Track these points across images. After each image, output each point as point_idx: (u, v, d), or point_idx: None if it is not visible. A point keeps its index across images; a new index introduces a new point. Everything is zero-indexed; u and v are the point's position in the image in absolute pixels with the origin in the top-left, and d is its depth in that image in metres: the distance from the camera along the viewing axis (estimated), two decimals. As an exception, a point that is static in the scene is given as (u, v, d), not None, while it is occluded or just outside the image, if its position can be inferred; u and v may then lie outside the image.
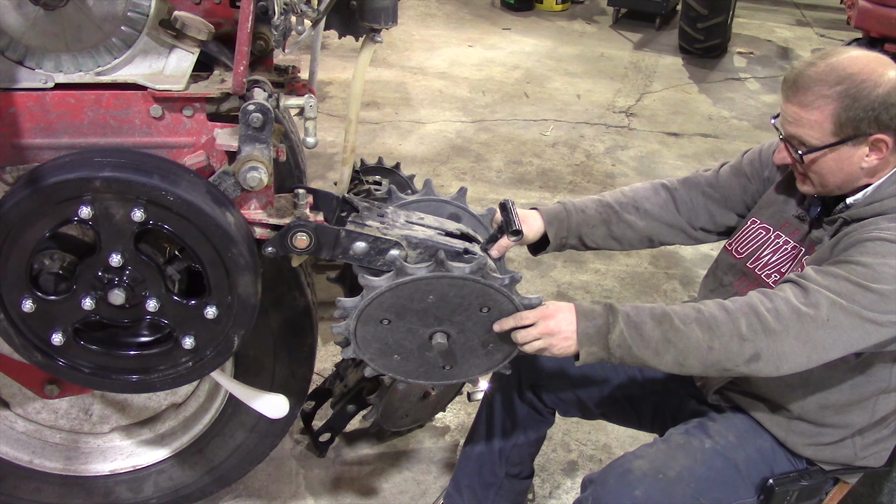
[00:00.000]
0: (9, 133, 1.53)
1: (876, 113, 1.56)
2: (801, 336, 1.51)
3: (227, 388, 1.97)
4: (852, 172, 1.63)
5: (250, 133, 1.51)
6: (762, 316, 1.51)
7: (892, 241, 1.55)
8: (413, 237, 1.67)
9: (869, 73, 1.57)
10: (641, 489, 1.67)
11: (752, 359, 1.52)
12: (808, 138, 1.62)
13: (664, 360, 1.55)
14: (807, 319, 1.51)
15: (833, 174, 1.64)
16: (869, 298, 1.51)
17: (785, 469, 1.78)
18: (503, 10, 8.32)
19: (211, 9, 1.67)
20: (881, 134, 1.58)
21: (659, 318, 1.55)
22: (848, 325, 1.52)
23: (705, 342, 1.52)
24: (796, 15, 8.91)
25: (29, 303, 1.54)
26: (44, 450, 2.19)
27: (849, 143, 1.60)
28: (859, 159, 1.61)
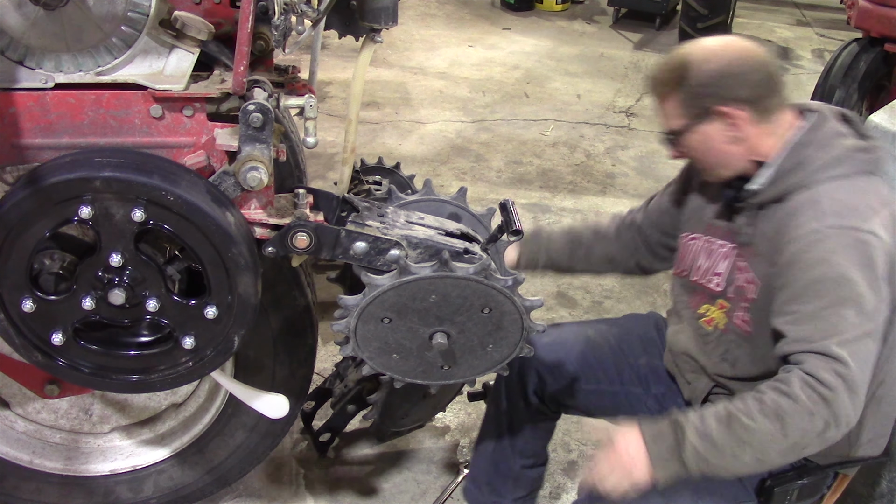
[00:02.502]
0: (9, 133, 1.53)
1: (713, 88, 1.64)
2: (849, 389, 1.49)
3: (227, 388, 1.97)
4: (723, 149, 1.69)
5: (250, 133, 1.51)
6: (816, 388, 1.49)
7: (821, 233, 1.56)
8: (413, 237, 1.67)
9: (703, 54, 1.66)
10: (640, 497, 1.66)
11: (823, 430, 1.49)
12: (672, 126, 1.72)
13: (744, 461, 1.52)
14: (844, 374, 1.49)
15: (706, 154, 1.72)
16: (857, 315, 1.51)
17: (783, 469, 1.77)
18: (503, 10, 8.32)
19: (211, 9, 1.67)
20: (724, 107, 1.64)
21: (726, 420, 1.52)
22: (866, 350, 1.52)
23: (779, 431, 1.49)
24: (796, 15, 8.91)
25: (29, 303, 1.54)
26: (44, 450, 2.19)
27: (702, 122, 1.67)
28: (719, 135, 1.67)
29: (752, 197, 1.71)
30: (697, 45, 1.70)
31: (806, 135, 1.69)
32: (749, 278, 1.71)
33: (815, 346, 1.51)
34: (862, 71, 4.11)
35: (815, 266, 1.55)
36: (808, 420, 1.48)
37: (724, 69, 1.64)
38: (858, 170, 1.64)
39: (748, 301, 1.72)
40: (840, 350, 1.49)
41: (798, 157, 1.67)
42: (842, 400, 1.48)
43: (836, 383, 1.47)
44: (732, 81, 1.64)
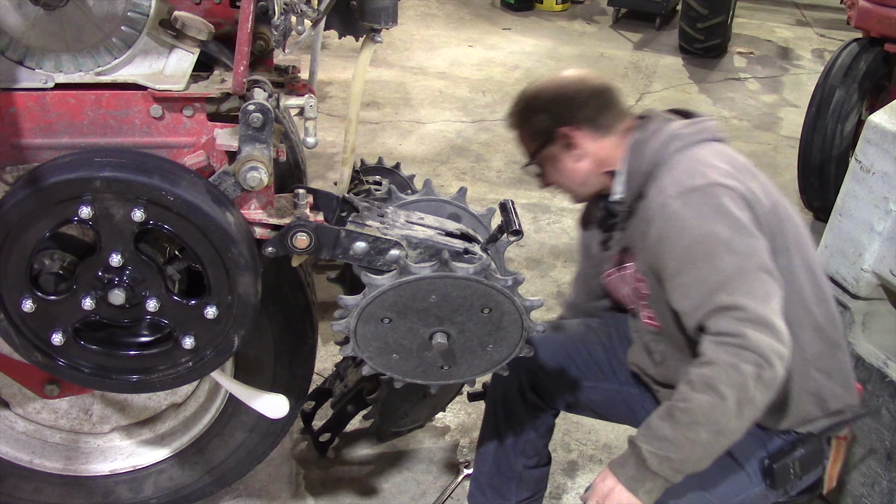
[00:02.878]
0: (9, 133, 1.53)
1: (549, 114, 1.84)
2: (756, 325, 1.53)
3: (227, 388, 1.97)
4: (573, 167, 1.86)
5: (250, 133, 1.51)
6: (725, 342, 1.53)
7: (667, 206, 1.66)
8: (413, 237, 1.67)
9: (539, 87, 1.89)
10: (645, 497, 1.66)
11: (757, 373, 1.51)
12: (525, 151, 1.92)
13: (703, 441, 1.55)
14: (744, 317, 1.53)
15: (561, 175, 1.89)
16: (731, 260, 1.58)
17: (778, 446, 1.79)
18: (503, 10, 8.32)
19: (211, 9, 1.67)
20: (562, 128, 1.82)
21: (667, 415, 1.58)
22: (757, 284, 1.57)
23: (715, 398, 1.52)
24: (796, 15, 8.91)
25: (29, 303, 1.54)
26: (44, 450, 2.19)
27: (547, 147, 1.86)
28: (564, 155, 1.85)
29: (619, 206, 1.86)
30: (535, 82, 1.92)
31: (639, 134, 1.83)
32: (637, 277, 1.83)
33: (707, 307, 1.57)
34: (862, 71, 4.10)
35: (676, 238, 1.64)
36: (735, 373, 1.51)
37: (557, 96, 1.85)
38: (687, 143, 1.76)
39: (644, 298, 1.82)
40: (729, 298, 1.55)
41: (638, 155, 1.80)
42: (754, 339, 1.51)
43: (740, 328, 1.52)
44: (565, 106, 1.84)
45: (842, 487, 2.33)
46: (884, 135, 2.14)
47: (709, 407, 1.53)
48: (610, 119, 1.84)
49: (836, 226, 2.29)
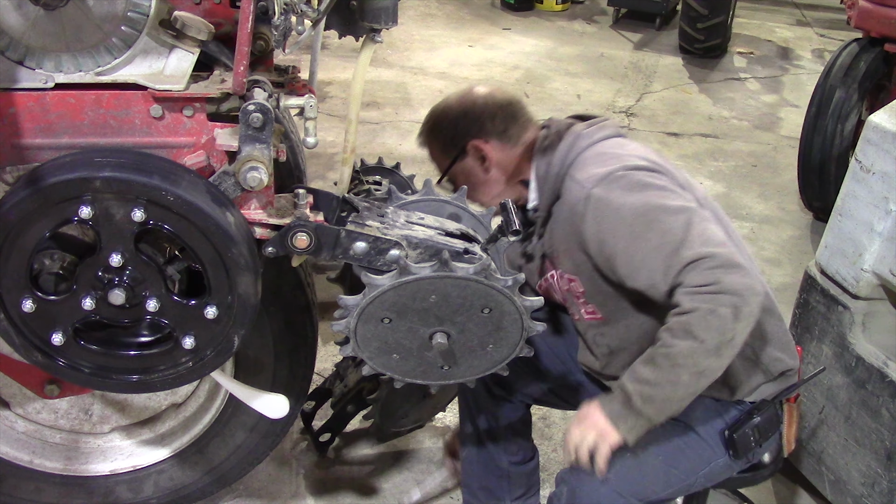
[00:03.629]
0: (9, 133, 1.53)
1: (454, 131, 1.91)
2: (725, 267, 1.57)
3: (227, 388, 1.97)
4: (485, 178, 1.92)
5: (250, 133, 1.51)
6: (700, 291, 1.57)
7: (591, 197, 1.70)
8: (413, 237, 1.67)
9: (445, 105, 1.95)
10: (613, 471, 1.71)
11: (735, 312, 1.55)
12: (440, 167, 1.97)
13: (685, 381, 1.59)
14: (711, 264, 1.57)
15: (475, 188, 1.93)
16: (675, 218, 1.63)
17: (734, 416, 1.84)
18: (503, 10, 8.32)
19: (211, 9, 1.67)
20: (472, 141, 1.89)
21: (651, 360, 1.62)
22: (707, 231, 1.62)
23: (695, 341, 1.57)
24: (796, 15, 8.91)
25: (29, 303, 1.54)
26: (44, 450, 2.19)
27: (459, 161, 1.92)
28: (476, 167, 1.92)
29: (536, 212, 1.91)
30: (442, 101, 1.98)
31: (542, 142, 1.89)
32: (569, 278, 1.86)
33: (675, 269, 1.60)
34: (862, 71, 4.11)
35: (613, 221, 1.68)
36: (714, 318, 1.55)
37: (466, 111, 1.91)
38: (592, 140, 1.82)
39: (581, 295, 1.85)
40: (691, 252, 1.59)
41: (545, 160, 1.86)
42: (728, 280, 1.55)
43: (712, 275, 1.56)
44: (475, 119, 1.90)
45: (842, 487, 2.33)
46: (884, 135, 2.14)
47: (689, 351, 1.57)
48: (518, 129, 1.91)
49: (836, 226, 2.29)
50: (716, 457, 1.83)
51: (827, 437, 2.36)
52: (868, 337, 2.26)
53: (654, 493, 1.78)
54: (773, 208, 4.64)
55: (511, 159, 1.91)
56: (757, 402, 1.86)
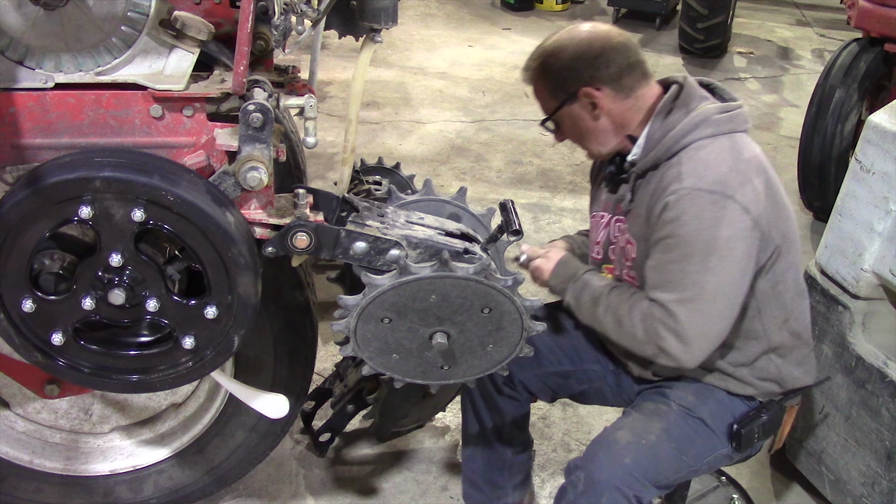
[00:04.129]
0: (9, 133, 1.53)
1: (566, 74, 1.79)
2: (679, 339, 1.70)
3: (227, 388, 1.97)
4: (592, 127, 1.84)
5: (250, 133, 1.51)
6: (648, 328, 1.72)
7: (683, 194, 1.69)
8: (413, 237, 1.67)
9: (561, 42, 1.82)
10: (630, 457, 1.75)
11: (656, 355, 1.74)
12: (545, 107, 1.88)
13: (594, 327, 1.86)
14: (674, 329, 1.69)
15: (580, 135, 1.87)
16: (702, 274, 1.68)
17: (743, 412, 1.89)
18: (503, 10, 8.32)
19: (211, 9, 1.67)
20: (586, 87, 1.78)
21: (593, 300, 1.82)
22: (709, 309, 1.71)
23: (615, 334, 1.79)
24: (796, 15, 8.91)
25: (29, 303, 1.54)
26: (44, 450, 2.18)
27: (567, 105, 1.82)
28: (586, 114, 1.82)
29: (632, 167, 1.85)
30: (556, 34, 1.85)
31: (668, 104, 1.80)
32: (628, 239, 1.86)
33: (659, 296, 1.71)
34: (862, 71, 4.10)
35: (679, 226, 1.68)
36: (639, 344, 1.75)
37: (581, 54, 1.79)
38: (716, 132, 1.76)
39: (630, 260, 1.86)
40: (676, 307, 1.68)
41: (663, 126, 1.78)
42: (669, 345, 1.70)
43: (665, 335, 1.69)
44: (589, 64, 1.78)
45: (842, 487, 2.33)
46: (884, 135, 2.14)
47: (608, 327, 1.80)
48: (632, 80, 1.81)
49: (836, 226, 2.28)
50: (720, 446, 1.87)
51: (827, 437, 2.36)
52: (868, 337, 2.26)
53: (665, 478, 1.82)
54: (773, 208, 4.63)
55: (622, 111, 1.82)
56: (766, 401, 1.90)
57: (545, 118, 1.90)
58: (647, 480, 1.76)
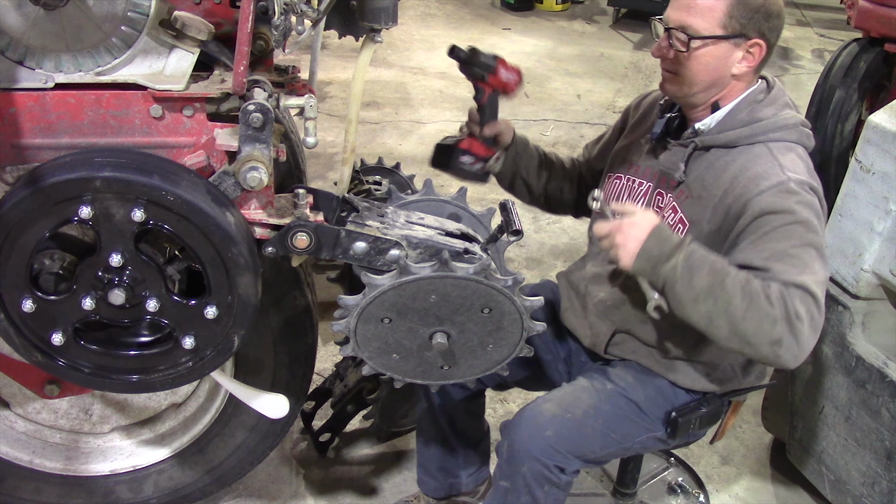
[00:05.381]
0: (9, 133, 1.53)
1: (761, 16, 1.68)
2: (812, 327, 1.58)
3: (227, 388, 1.97)
4: (723, 76, 1.73)
5: (250, 133, 1.51)
6: (788, 307, 1.56)
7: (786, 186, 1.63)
8: (413, 237, 1.67)
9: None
10: (552, 429, 1.79)
11: (775, 343, 1.56)
12: (697, 26, 1.68)
13: (698, 308, 1.59)
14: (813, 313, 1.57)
15: (706, 71, 1.71)
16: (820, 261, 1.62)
17: (684, 401, 1.91)
18: (503, 10, 8.32)
19: (211, 9, 1.67)
20: (759, 39, 1.69)
21: (716, 271, 1.59)
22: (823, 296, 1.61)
23: (741, 311, 1.56)
24: (796, 15, 8.91)
25: (29, 303, 1.54)
26: (44, 450, 2.19)
27: (731, 41, 1.69)
28: (733, 62, 1.71)
29: (695, 136, 1.78)
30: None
31: (763, 94, 1.77)
32: (681, 219, 1.78)
33: (794, 279, 1.57)
34: (862, 71, 4.10)
35: (784, 213, 1.62)
36: (770, 324, 1.55)
37: (780, 11, 1.71)
38: (799, 141, 1.75)
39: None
40: (815, 289, 1.58)
41: (753, 111, 1.74)
42: (804, 332, 1.56)
43: (806, 317, 1.56)
44: (777, 25, 1.71)
45: (842, 487, 2.33)
46: (884, 135, 2.14)
47: (732, 309, 1.56)
48: (769, 58, 1.75)
49: (836, 226, 2.29)
50: (654, 430, 1.90)
51: (827, 437, 2.36)
52: (868, 337, 2.26)
53: (592, 453, 1.84)
54: (773, 208, 4.63)
55: (746, 80, 1.75)
56: (708, 394, 1.93)
57: (691, 34, 1.68)
58: (570, 453, 1.80)
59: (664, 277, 1.61)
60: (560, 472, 1.80)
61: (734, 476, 2.66)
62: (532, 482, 1.79)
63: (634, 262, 1.63)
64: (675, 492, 2.53)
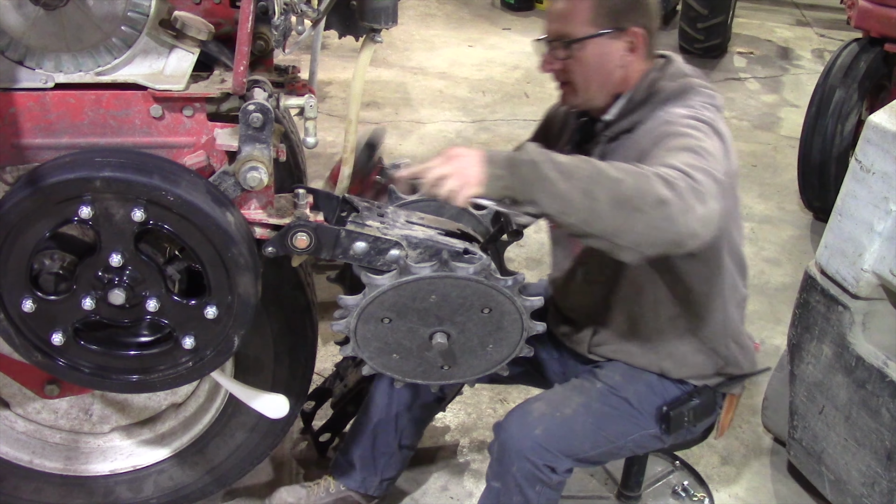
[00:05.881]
0: (9, 133, 1.53)
1: (626, 5, 1.73)
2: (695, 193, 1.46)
3: (227, 388, 1.97)
4: (611, 70, 1.76)
5: (250, 133, 1.51)
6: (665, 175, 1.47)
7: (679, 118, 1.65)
8: (413, 237, 1.67)
9: None
10: (541, 428, 1.79)
11: (660, 202, 1.43)
12: (572, 31, 1.73)
13: (572, 185, 1.44)
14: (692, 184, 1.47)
15: (595, 71, 1.75)
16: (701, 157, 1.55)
17: (674, 395, 1.92)
18: (503, 10, 8.32)
19: (211, 9, 1.67)
20: (636, 27, 1.75)
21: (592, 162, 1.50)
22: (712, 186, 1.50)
23: (615, 173, 1.45)
24: (796, 15, 8.91)
25: (29, 303, 1.54)
26: (44, 450, 2.18)
27: (608, 35, 1.73)
28: (617, 54, 1.75)
29: (605, 129, 1.81)
30: None
31: (658, 71, 1.81)
32: None
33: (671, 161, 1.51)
34: (862, 71, 4.10)
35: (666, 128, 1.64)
36: (646, 182, 1.44)
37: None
38: (702, 103, 1.73)
39: None
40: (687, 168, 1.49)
41: (651, 88, 1.77)
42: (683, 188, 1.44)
43: (680, 179, 1.46)
44: (647, 9, 1.78)
45: (842, 487, 2.33)
46: (884, 135, 2.14)
47: (604, 174, 1.45)
48: (655, 41, 1.80)
49: (836, 226, 2.28)
50: (647, 427, 1.90)
51: (827, 437, 2.36)
52: (868, 337, 2.25)
53: (582, 451, 1.84)
54: (772, 208, 4.64)
55: (637, 65, 1.79)
56: (699, 385, 1.94)
57: (569, 40, 1.73)
58: (560, 451, 1.80)
59: (522, 165, 1.47)
60: (551, 471, 1.80)
61: (734, 476, 2.66)
62: (523, 482, 1.80)
63: (486, 177, 1.47)
64: (680, 495, 2.52)
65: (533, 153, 1.48)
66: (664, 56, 1.86)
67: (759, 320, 3.43)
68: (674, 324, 1.87)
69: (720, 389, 1.97)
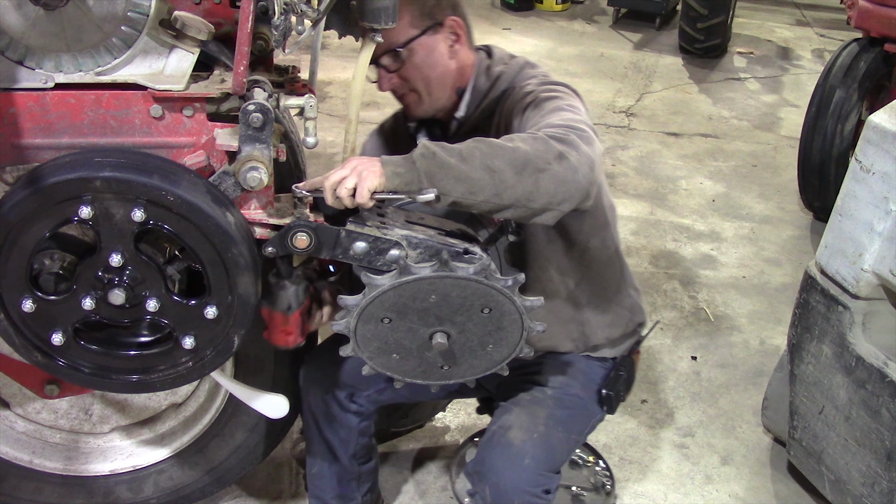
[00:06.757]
0: (9, 133, 1.53)
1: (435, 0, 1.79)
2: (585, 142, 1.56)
3: (227, 388, 1.97)
4: (445, 64, 1.82)
5: (250, 133, 1.51)
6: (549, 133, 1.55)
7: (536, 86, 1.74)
8: (413, 237, 1.67)
9: None
10: (528, 456, 1.80)
11: (559, 156, 1.50)
12: (396, 39, 1.78)
13: (472, 165, 1.48)
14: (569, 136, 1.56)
15: (431, 69, 1.81)
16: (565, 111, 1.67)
17: (604, 375, 2.01)
18: (503, 10, 8.32)
19: (211, 9, 1.67)
20: (453, 17, 1.81)
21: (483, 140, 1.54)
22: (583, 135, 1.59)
23: (510, 144, 1.51)
24: (796, 15, 8.91)
25: (29, 303, 1.54)
26: (44, 450, 2.19)
27: (430, 32, 1.79)
28: (445, 46, 1.82)
29: (461, 127, 1.85)
30: None
31: (487, 59, 1.89)
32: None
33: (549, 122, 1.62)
34: (862, 71, 4.11)
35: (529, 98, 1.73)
36: (543, 145, 1.51)
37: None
38: (542, 73, 1.85)
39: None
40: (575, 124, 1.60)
41: (490, 75, 1.84)
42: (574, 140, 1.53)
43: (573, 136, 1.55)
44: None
45: (842, 487, 2.33)
46: (884, 135, 2.14)
47: (499, 147, 1.50)
48: (471, 30, 1.88)
49: (836, 226, 2.28)
50: (596, 413, 1.99)
51: (827, 437, 2.36)
52: (868, 337, 2.26)
53: (562, 461, 1.91)
54: (773, 208, 4.64)
55: (467, 55, 1.87)
56: (618, 358, 2.02)
57: (398, 48, 1.77)
58: (549, 471, 1.83)
59: (420, 158, 1.49)
60: (546, 493, 1.81)
61: (734, 476, 2.67)
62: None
63: (386, 172, 1.49)
64: (577, 464, 2.58)
65: (427, 146, 1.52)
66: (481, 47, 1.93)
67: (759, 320, 3.44)
68: (582, 290, 1.93)
69: (631, 353, 2.06)
